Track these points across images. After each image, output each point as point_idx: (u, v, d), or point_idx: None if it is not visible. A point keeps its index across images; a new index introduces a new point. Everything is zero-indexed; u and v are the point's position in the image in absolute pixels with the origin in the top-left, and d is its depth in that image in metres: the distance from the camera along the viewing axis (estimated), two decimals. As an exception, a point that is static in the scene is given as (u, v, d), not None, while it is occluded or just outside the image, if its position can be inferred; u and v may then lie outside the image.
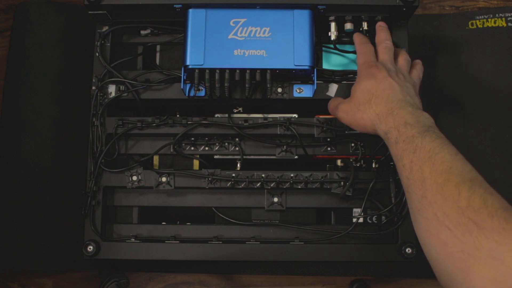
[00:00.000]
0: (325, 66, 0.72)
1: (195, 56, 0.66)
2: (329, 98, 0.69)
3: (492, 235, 0.41)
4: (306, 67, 0.66)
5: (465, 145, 0.81)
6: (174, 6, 0.67)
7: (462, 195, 0.45)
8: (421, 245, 0.49)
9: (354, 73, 0.71)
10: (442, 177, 0.47)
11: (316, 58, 0.70)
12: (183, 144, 0.71)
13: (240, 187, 0.70)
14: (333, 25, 0.70)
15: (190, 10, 0.67)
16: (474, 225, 0.42)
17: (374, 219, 0.72)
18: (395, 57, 0.67)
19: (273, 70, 0.66)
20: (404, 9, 0.68)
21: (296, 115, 0.71)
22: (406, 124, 0.54)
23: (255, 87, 0.69)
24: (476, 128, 0.82)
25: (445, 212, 0.45)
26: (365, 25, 0.70)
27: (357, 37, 0.69)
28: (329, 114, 0.70)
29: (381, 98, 0.58)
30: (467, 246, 0.42)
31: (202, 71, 0.66)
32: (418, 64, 0.68)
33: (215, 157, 0.72)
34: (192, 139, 0.71)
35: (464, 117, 0.82)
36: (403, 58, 0.66)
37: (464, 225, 0.43)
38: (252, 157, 0.72)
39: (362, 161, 0.72)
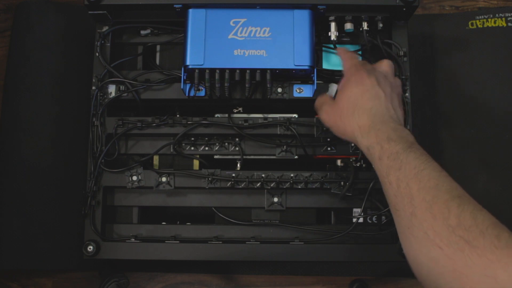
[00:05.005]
0: (325, 66, 0.72)
1: (195, 56, 0.66)
2: (329, 98, 0.70)
3: (484, 253, 0.40)
4: (306, 67, 0.66)
5: (465, 145, 0.81)
6: (174, 6, 0.67)
7: (452, 212, 0.44)
8: (410, 264, 0.48)
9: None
10: (430, 194, 0.46)
11: (316, 58, 0.70)
12: (183, 144, 0.72)
13: (240, 187, 0.70)
14: (333, 25, 0.70)
15: (190, 10, 0.67)
16: (466, 243, 0.42)
17: (374, 219, 0.72)
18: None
19: (273, 70, 0.66)
20: (404, 9, 0.68)
21: (296, 115, 0.71)
22: (390, 140, 0.53)
23: (255, 87, 0.69)
24: (476, 128, 0.82)
25: (435, 231, 0.44)
26: (365, 25, 0.70)
27: (339, 49, 0.68)
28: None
29: (364, 110, 0.57)
30: (459, 265, 0.42)
31: (202, 71, 0.66)
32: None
33: (215, 157, 0.72)
34: (192, 139, 0.71)
35: (464, 117, 0.82)
36: (386, 63, 0.64)
37: (455, 243, 0.42)
38: (252, 157, 0.72)
39: (362, 161, 0.71)
